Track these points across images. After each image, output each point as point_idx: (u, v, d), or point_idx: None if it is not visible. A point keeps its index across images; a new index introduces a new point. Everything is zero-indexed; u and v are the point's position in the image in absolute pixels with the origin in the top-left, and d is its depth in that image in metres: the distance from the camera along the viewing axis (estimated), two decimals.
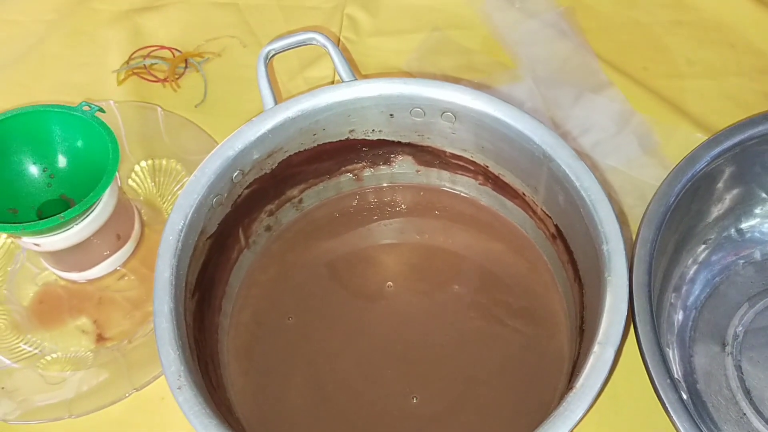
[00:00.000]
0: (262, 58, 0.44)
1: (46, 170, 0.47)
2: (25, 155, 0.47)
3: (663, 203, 0.41)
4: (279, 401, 0.43)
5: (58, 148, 0.47)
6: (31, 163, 0.47)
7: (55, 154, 0.47)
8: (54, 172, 0.47)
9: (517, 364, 0.43)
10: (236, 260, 0.46)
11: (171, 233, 0.38)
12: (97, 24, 0.63)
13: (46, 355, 0.47)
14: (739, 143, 0.43)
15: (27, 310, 0.49)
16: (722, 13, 0.61)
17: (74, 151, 0.47)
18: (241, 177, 0.42)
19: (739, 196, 0.46)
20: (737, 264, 0.47)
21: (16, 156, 0.47)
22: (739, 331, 0.45)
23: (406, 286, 0.46)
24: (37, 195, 0.47)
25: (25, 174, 0.47)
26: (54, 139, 0.47)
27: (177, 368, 0.34)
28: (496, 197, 0.47)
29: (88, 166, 0.46)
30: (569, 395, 0.32)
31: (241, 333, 0.45)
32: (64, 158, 0.47)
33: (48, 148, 0.47)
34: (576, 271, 0.42)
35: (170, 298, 0.36)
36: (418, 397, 0.42)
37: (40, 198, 0.47)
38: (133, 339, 0.47)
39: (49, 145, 0.47)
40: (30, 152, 0.47)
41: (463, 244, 0.48)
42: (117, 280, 0.50)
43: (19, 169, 0.47)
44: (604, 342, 0.34)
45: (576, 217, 0.39)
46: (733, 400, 0.44)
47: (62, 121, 0.46)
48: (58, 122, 0.46)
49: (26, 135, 0.46)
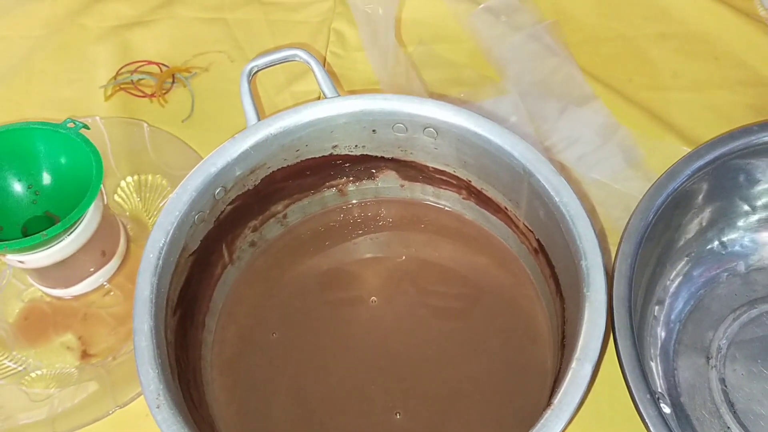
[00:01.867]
0: (245, 75, 0.44)
1: (30, 187, 0.48)
2: (10, 172, 0.47)
3: (643, 218, 0.41)
4: (263, 417, 0.43)
5: (43, 164, 0.47)
6: (15, 180, 0.47)
7: (40, 170, 0.47)
8: (39, 188, 0.48)
9: (501, 378, 0.43)
10: (220, 276, 0.46)
11: (152, 251, 0.38)
12: (85, 39, 0.64)
13: (31, 372, 0.47)
14: (720, 157, 0.43)
15: (12, 326, 0.49)
16: (707, 26, 0.61)
17: (59, 167, 0.47)
18: (223, 194, 0.42)
19: (721, 209, 0.46)
20: (721, 277, 0.47)
21: (0, 173, 0.47)
22: (723, 344, 0.45)
23: (391, 301, 0.46)
24: (22, 212, 0.47)
25: (10, 191, 0.47)
26: (39, 156, 0.47)
27: (156, 387, 0.34)
28: (480, 211, 0.47)
29: (72, 182, 0.46)
30: (547, 412, 0.32)
31: (225, 349, 0.45)
32: (49, 175, 0.48)
33: (33, 165, 0.47)
34: (558, 286, 0.42)
35: (150, 316, 0.36)
36: (401, 412, 0.42)
37: (25, 215, 0.47)
38: (118, 355, 0.47)
39: (34, 162, 0.47)
40: (15, 169, 0.47)
41: (448, 258, 0.48)
42: (102, 296, 0.50)
43: (4, 186, 0.47)
44: (582, 358, 0.34)
45: (556, 231, 0.39)
46: (717, 413, 0.44)
47: (46, 138, 0.46)
48: (42, 139, 0.46)
49: (10, 152, 0.46)
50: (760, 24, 0.60)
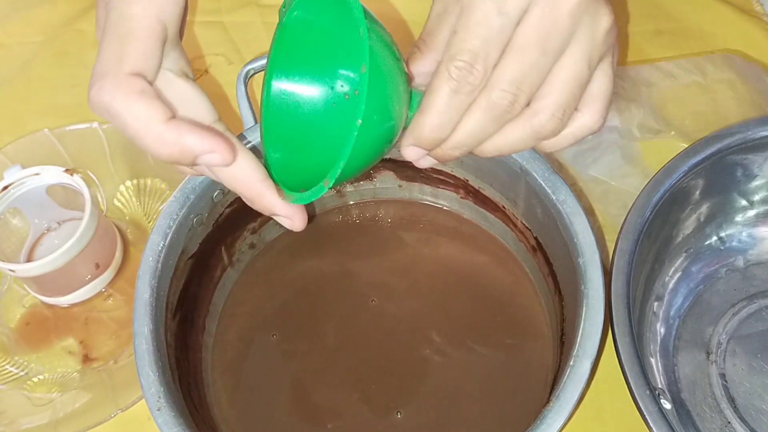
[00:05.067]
0: (241, 78, 0.44)
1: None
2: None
3: (641, 214, 0.41)
4: (264, 418, 0.43)
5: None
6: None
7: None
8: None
9: (501, 376, 0.43)
10: (219, 279, 0.46)
11: (151, 254, 0.38)
12: (83, 45, 0.64)
13: (33, 377, 0.47)
14: (717, 152, 0.43)
15: (14, 331, 0.49)
16: (703, 22, 0.61)
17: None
18: (222, 196, 0.42)
19: (719, 204, 0.47)
20: (719, 272, 0.48)
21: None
22: (723, 339, 0.45)
23: (390, 301, 0.46)
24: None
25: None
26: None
27: (156, 389, 0.34)
28: (478, 210, 0.47)
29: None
30: (546, 409, 0.33)
31: (225, 351, 0.45)
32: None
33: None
34: (556, 283, 0.42)
35: (150, 319, 0.36)
36: (402, 412, 0.42)
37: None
38: (119, 359, 0.47)
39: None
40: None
41: (447, 257, 0.48)
42: (103, 301, 0.50)
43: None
44: (580, 355, 0.34)
45: (554, 229, 0.39)
46: (717, 408, 0.44)
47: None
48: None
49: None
50: (756, 20, 0.60)
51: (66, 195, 0.50)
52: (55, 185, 0.49)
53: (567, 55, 0.30)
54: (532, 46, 0.29)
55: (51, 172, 0.48)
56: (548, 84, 0.30)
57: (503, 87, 0.30)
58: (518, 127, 0.31)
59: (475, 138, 0.31)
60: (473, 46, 0.29)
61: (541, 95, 0.31)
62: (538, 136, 0.31)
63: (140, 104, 0.29)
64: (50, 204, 0.50)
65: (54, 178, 0.48)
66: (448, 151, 0.32)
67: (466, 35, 0.29)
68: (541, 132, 0.31)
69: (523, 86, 0.30)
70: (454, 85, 0.30)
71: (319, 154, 0.36)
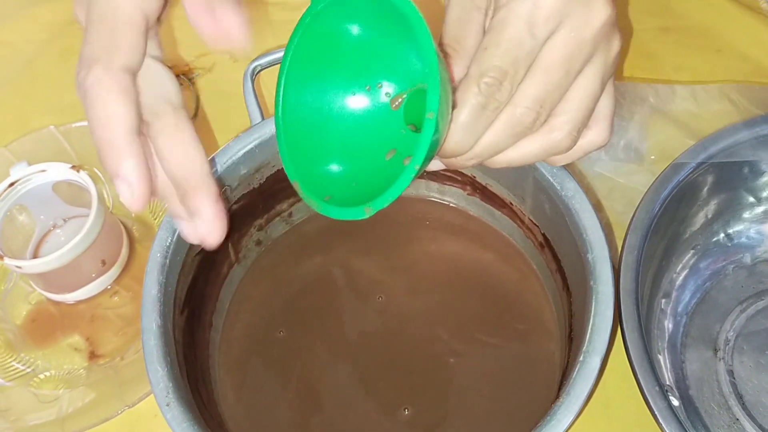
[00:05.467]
0: (248, 74, 0.44)
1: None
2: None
3: (649, 210, 0.41)
4: (271, 415, 0.43)
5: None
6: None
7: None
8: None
9: (508, 373, 0.43)
10: (226, 275, 0.46)
11: (159, 250, 0.38)
12: None
13: (39, 374, 0.47)
14: (725, 149, 0.43)
15: (20, 328, 0.49)
16: (708, 19, 0.61)
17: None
18: (229, 192, 0.42)
19: (726, 201, 0.46)
20: (727, 269, 0.47)
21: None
22: (731, 336, 0.45)
23: (397, 298, 0.46)
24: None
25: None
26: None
27: (165, 385, 0.34)
28: (485, 207, 0.47)
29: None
30: (555, 405, 0.33)
31: (232, 348, 0.45)
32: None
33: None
34: (564, 280, 0.42)
35: (158, 315, 0.36)
36: (409, 408, 0.42)
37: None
38: (126, 355, 0.47)
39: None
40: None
41: (454, 254, 0.48)
42: (109, 297, 0.50)
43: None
44: (590, 350, 0.34)
45: (562, 225, 0.39)
46: (725, 405, 0.44)
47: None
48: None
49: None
50: (762, 17, 0.60)
51: (72, 192, 0.50)
52: (62, 182, 0.49)
53: (584, 76, 0.32)
54: (558, 66, 0.30)
55: (57, 169, 0.48)
56: (566, 102, 0.32)
57: (527, 104, 0.31)
58: (534, 142, 0.32)
59: (492, 151, 0.32)
60: (504, 64, 0.30)
61: (559, 112, 0.32)
62: (552, 151, 0.33)
63: (118, 104, 0.30)
64: (56, 201, 0.50)
65: (60, 175, 0.48)
66: (462, 161, 0.33)
67: (496, 52, 0.30)
68: (556, 148, 0.33)
69: (545, 104, 0.31)
70: (482, 100, 0.30)
71: (339, 157, 0.35)
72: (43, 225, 0.51)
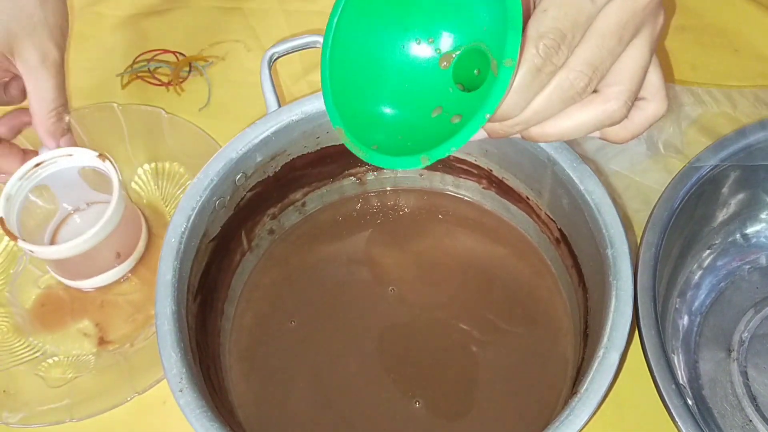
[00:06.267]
0: (265, 61, 0.44)
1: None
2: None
3: (668, 207, 0.40)
4: (281, 405, 0.42)
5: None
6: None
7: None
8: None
9: (520, 368, 0.43)
10: (239, 263, 0.46)
11: (173, 235, 0.38)
12: (101, 28, 0.63)
13: (48, 359, 0.47)
14: (745, 147, 0.43)
15: (29, 312, 0.49)
16: (726, 18, 0.61)
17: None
18: (244, 180, 0.42)
19: (744, 200, 0.46)
20: (743, 269, 0.47)
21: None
22: (745, 337, 0.45)
23: (409, 290, 0.46)
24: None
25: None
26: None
27: (179, 371, 0.34)
28: (500, 201, 0.47)
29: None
30: (573, 400, 0.32)
31: (243, 336, 0.45)
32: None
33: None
34: (580, 276, 0.41)
35: (172, 300, 0.36)
36: (421, 401, 0.42)
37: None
38: (135, 342, 0.47)
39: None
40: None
41: (467, 248, 0.48)
42: (120, 284, 0.50)
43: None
44: (608, 346, 0.33)
45: (580, 221, 0.39)
46: (739, 406, 0.43)
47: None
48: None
49: None
50: None
51: (97, 178, 0.49)
52: (88, 168, 0.48)
53: (634, 46, 0.32)
54: (612, 33, 0.31)
55: (84, 155, 0.46)
56: (618, 72, 0.32)
57: (581, 68, 0.31)
58: (588, 111, 0.32)
59: (540, 116, 0.32)
60: (564, 27, 0.30)
61: (612, 82, 0.32)
62: (607, 122, 0.33)
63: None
64: (81, 185, 0.49)
65: (87, 161, 0.47)
66: (508, 128, 0.33)
67: (557, 14, 0.30)
68: (610, 118, 0.33)
69: (597, 71, 0.31)
70: (539, 62, 0.30)
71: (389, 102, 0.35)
72: (64, 209, 0.51)
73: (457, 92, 0.34)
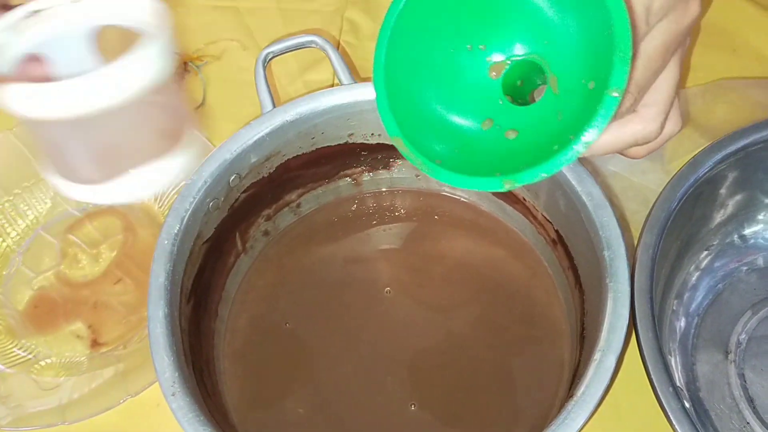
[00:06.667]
0: (260, 61, 0.43)
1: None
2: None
3: (665, 208, 0.40)
4: (276, 407, 0.42)
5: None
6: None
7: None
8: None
9: (516, 370, 0.43)
10: (233, 265, 0.45)
11: (167, 237, 0.37)
12: None
13: (41, 360, 0.47)
14: (743, 148, 0.42)
15: (21, 314, 0.49)
16: (725, 18, 0.60)
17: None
18: (238, 181, 0.42)
19: (742, 201, 0.46)
20: (740, 271, 0.47)
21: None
22: (743, 339, 0.45)
23: (405, 292, 0.46)
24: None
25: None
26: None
27: (171, 374, 0.34)
28: (496, 202, 0.47)
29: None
30: (570, 403, 0.32)
31: (237, 338, 0.44)
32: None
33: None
34: (577, 277, 0.41)
35: (165, 303, 0.36)
36: (416, 404, 0.42)
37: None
38: (128, 344, 0.46)
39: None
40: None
41: (463, 249, 0.48)
42: (113, 285, 0.49)
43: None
44: (605, 349, 0.33)
45: (577, 222, 0.38)
46: (736, 408, 0.43)
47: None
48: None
49: None
50: None
51: (122, 45, 0.29)
52: (111, 27, 0.30)
53: (669, 67, 0.33)
54: (658, 55, 0.31)
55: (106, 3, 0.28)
56: (654, 91, 0.32)
57: (630, 89, 0.31)
58: (626, 129, 0.33)
59: None
60: None
61: (650, 102, 0.32)
62: (642, 141, 0.33)
63: None
64: (92, 56, 0.31)
65: (110, 17, 0.28)
66: None
67: None
68: (646, 138, 0.33)
69: (642, 91, 0.32)
70: None
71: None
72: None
73: (507, 104, 0.33)
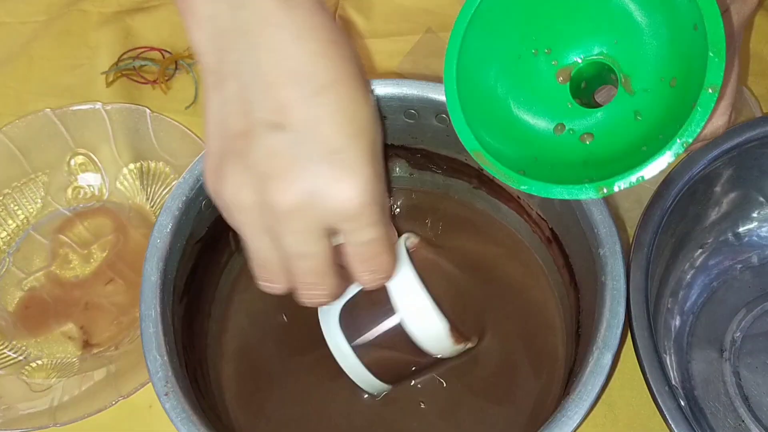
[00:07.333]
0: None
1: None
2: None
3: (660, 206, 0.40)
4: (271, 406, 0.42)
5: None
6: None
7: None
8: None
9: (512, 368, 0.43)
10: (226, 264, 0.45)
11: (159, 236, 0.37)
12: (86, 26, 0.62)
13: (32, 362, 0.46)
14: (737, 146, 0.42)
15: (12, 315, 0.48)
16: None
17: None
18: None
19: (736, 199, 0.46)
20: (735, 269, 0.47)
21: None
22: (737, 337, 0.45)
23: None
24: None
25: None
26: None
27: (164, 374, 0.33)
28: (491, 201, 0.47)
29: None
30: (566, 401, 0.32)
31: (230, 338, 0.44)
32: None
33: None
34: (572, 275, 0.41)
35: (157, 302, 0.35)
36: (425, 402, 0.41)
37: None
38: (120, 345, 0.46)
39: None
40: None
41: (457, 248, 0.47)
42: (104, 285, 0.49)
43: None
44: (601, 347, 0.33)
45: (571, 220, 0.38)
46: (731, 406, 0.43)
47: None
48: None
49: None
50: None
51: None
52: None
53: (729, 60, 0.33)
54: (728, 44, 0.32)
55: None
56: (724, 85, 0.32)
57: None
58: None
59: None
60: None
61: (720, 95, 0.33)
62: (710, 136, 0.35)
63: None
64: None
65: None
66: None
67: None
68: (714, 133, 0.34)
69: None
70: None
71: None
72: None
73: (576, 108, 0.32)
